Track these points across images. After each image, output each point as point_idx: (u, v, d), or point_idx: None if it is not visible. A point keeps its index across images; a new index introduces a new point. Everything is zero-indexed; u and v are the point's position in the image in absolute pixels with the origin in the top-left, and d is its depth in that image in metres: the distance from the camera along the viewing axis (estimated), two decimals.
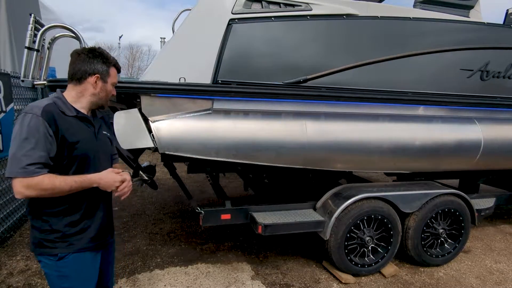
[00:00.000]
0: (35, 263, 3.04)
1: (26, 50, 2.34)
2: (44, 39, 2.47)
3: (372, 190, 2.97)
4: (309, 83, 2.57)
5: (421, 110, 2.93)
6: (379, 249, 3.01)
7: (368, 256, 2.99)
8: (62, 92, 1.50)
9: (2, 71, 3.42)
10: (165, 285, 2.82)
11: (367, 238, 2.92)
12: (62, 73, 4.61)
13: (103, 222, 1.57)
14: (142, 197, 5.09)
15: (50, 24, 2.35)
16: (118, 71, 1.60)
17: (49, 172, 1.33)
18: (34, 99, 4.43)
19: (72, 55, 1.48)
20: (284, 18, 2.46)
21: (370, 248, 2.97)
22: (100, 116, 1.65)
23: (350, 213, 2.83)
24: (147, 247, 3.48)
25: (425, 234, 3.10)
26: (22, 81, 2.34)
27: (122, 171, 1.53)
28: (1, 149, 3.26)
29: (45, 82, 2.35)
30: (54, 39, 2.60)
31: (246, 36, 2.43)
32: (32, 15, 2.30)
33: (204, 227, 2.86)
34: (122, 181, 1.47)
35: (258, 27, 2.44)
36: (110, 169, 1.49)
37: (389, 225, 2.94)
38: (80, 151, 1.43)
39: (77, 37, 2.42)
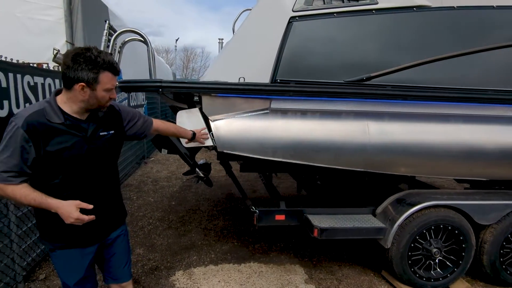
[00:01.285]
0: None
1: None
2: (115, 43, 2.67)
3: (441, 197, 2.71)
4: (372, 81, 2.42)
5: (503, 110, 2.58)
6: (448, 263, 2.73)
7: (435, 269, 2.73)
8: (57, 94, 1.46)
9: None
10: (219, 281, 2.88)
11: (434, 250, 2.67)
12: (126, 75, 4.97)
13: (94, 225, 1.52)
14: (197, 193, 5.28)
15: (122, 29, 2.53)
16: (115, 73, 1.46)
17: (35, 175, 1.41)
18: None
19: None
20: (348, 13, 2.35)
21: (437, 261, 2.71)
22: (101, 115, 1.56)
23: (415, 222, 2.61)
24: (201, 242, 3.60)
25: (505, 250, 2.74)
26: None
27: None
28: None
29: (116, 83, 2.53)
30: (124, 43, 2.80)
31: (307, 33, 2.36)
32: (107, 21, 2.50)
33: (257, 226, 2.85)
34: (78, 218, 1.40)
35: (320, 24, 2.36)
36: (73, 202, 1.42)
37: (461, 238, 2.65)
38: (65, 159, 1.42)
39: (145, 41, 2.57)
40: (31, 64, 2.98)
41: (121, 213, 1.79)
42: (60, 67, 3.80)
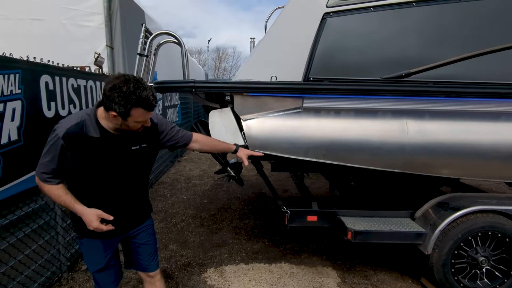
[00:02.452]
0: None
1: (138, 56, 2.64)
2: (151, 46, 2.76)
3: (489, 202, 2.50)
4: (412, 78, 2.28)
5: None
6: (496, 273, 2.52)
7: (482, 279, 2.53)
8: (98, 106, 1.53)
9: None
10: (249, 280, 2.88)
11: (481, 259, 2.47)
12: (161, 76, 5.11)
13: (117, 221, 1.63)
14: (228, 192, 5.34)
15: (157, 32, 2.60)
16: (149, 109, 1.46)
17: (69, 175, 1.57)
18: None
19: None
20: (385, 7, 2.24)
21: (484, 270, 2.51)
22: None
23: (459, 227, 2.43)
24: (232, 240, 3.63)
25: None
26: None
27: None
28: None
29: (152, 84, 2.61)
30: (159, 45, 2.88)
31: (341, 30, 2.28)
32: (144, 24, 2.59)
33: (289, 227, 2.81)
34: (96, 228, 1.55)
35: (355, 19, 2.27)
36: (95, 212, 1.56)
37: None
38: (95, 170, 1.56)
39: (179, 43, 2.63)
40: (74, 68, 3.17)
41: (145, 210, 1.88)
42: (100, 70, 4.02)
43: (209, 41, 30.39)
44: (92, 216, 1.54)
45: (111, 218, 1.59)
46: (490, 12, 2.25)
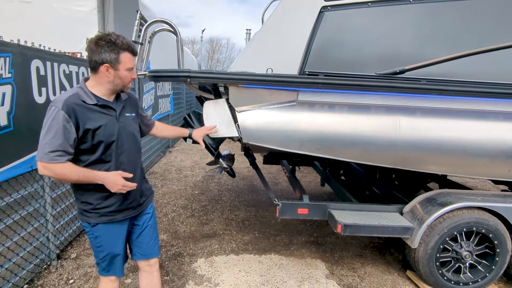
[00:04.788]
0: None
1: (132, 43, 2.59)
2: (146, 33, 2.71)
3: (475, 198, 2.57)
4: (406, 74, 2.31)
5: None
6: (479, 267, 2.61)
7: (465, 273, 2.62)
8: (86, 80, 1.61)
9: None
10: (239, 271, 2.91)
11: (465, 253, 2.55)
12: (154, 65, 5.03)
13: (129, 199, 1.73)
14: (219, 184, 5.35)
15: (153, 19, 2.55)
16: (134, 54, 1.61)
17: (76, 155, 1.55)
18: (131, 89, 4.99)
19: (87, 45, 1.56)
20: (383, 2, 2.24)
21: (467, 264, 2.59)
22: (125, 98, 1.74)
23: (446, 223, 2.50)
24: (223, 231, 3.65)
25: None
26: None
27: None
28: None
29: (146, 72, 2.57)
30: (154, 33, 2.83)
31: (338, 24, 2.28)
32: (139, 11, 2.53)
33: (280, 219, 2.85)
34: (124, 185, 1.59)
35: (352, 14, 2.27)
36: (117, 172, 1.60)
37: (496, 242, 2.51)
38: (102, 136, 1.57)
39: (174, 31, 2.58)
40: (66, 54, 3.10)
41: (149, 188, 1.94)
42: None
43: (203, 31, 29.95)
44: (116, 177, 1.57)
45: (131, 175, 1.63)
46: (487, 10, 2.28)
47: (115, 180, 1.56)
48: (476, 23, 2.30)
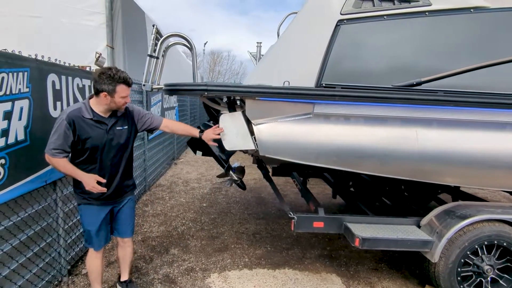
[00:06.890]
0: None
1: (148, 57, 2.61)
2: (161, 47, 2.73)
3: (494, 211, 2.53)
4: (422, 86, 2.31)
5: None
6: (501, 281, 2.55)
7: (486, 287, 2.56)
8: (90, 98, 2.11)
9: None
10: (254, 286, 2.85)
11: (486, 267, 2.50)
12: (164, 79, 5.06)
13: (107, 193, 2.18)
14: (227, 196, 5.30)
15: (169, 33, 2.58)
16: (128, 85, 2.08)
17: (69, 154, 2.08)
18: (139, 101, 5.01)
19: (92, 75, 2.07)
20: (399, 16, 2.26)
21: (489, 279, 2.53)
22: (120, 114, 2.19)
23: (466, 236, 2.45)
24: (234, 245, 3.59)
25: None
26: (144, 85, 2.61)
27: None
28: None
29: (162, 86, 2.58)
30: (168, 47, 2.86)
31: (355, 37, 2.30)
32: (155, 26, 2.56)
33: (295, 232, 2.80)
34: (93, 187, 2.04)
35: (368, 27, 2.29)
36: (92, 176, 2.07)
37: None
38: (89, 144, 2.07)
39: (190, 46, 2.61)
40: (76, 67, 3.11)
41: (130, 186, 2.39)
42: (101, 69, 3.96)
43: (205, 44, 30.33)
44: (90, 179, 2.05)
45: (104, 181, 2.10)
46: (503, 23, 2.30)
47: (88, 182, 2.04)
48: (492, 34, 2.31)
